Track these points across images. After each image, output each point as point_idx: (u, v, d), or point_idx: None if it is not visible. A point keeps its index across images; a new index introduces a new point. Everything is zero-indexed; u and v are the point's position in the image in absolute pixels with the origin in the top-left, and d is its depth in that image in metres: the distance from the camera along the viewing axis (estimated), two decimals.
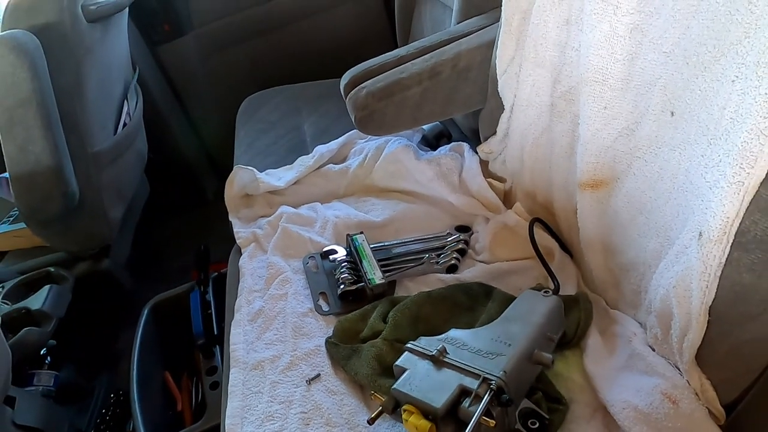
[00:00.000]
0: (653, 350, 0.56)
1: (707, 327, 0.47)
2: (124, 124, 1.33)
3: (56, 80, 1.06)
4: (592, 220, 0.65)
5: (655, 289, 0.53)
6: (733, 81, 0.44)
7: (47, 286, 1.11)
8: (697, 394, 0.50)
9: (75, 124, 1.12)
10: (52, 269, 1.17)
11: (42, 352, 1.17)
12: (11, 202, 1.18)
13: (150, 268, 1.61)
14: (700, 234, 0.45)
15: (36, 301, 1.07)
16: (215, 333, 1.04)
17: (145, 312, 1.15)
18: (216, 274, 1.21)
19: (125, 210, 1.37)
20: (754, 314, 0.43)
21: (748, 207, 0.42)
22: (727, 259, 0.43)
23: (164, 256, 1.70)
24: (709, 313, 0.46)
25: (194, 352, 1.09)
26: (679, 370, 0.52)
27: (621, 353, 0.59)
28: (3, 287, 1.15)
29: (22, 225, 1.28)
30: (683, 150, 0.51)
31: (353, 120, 0.87)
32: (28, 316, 1.05)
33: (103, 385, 1.26)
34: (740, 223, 0.42)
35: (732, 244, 0.43)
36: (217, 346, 1.02)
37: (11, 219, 1.36)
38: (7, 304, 1.09)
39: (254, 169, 0.96)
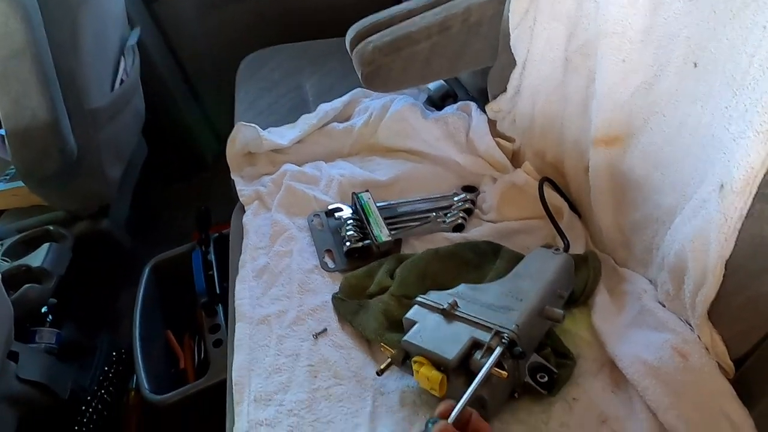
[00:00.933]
0: (664, 307, 0.56)
1: (723, 280, 0.46)
2: (122, 81, 1.30)
3: (51, 32, 1.02)
4: (604, 178, 0.64)
5: (669, 244, 0.53)
6: (764, 27, 0.42)
7: (47, 244, 1.10)
8: (707, 348, 0.50)
9: (71, 79, 1.09)
10: (51, 227, 1.16)
11: (43, 311, 1.16)
12: (8, 161, 1.16)
13: (149, 231, 1.60)
14: (722, 186, 0.44)
15: (36, 258, 1.06)
16: (218, 292, 1.04)
17: (146, 271, 1.15)
18: (217, 234, 1.20)
19: (124, 170, 1.35)
20: None
21: None
22: (748, 211, 0.43)
23: (163, 220, 1.69)
24: (725, 267, 0.46)
25: (196, 312, 1.09)
26: (689, 325, 0.52)
27: (630, 310, 0.59)
28: (2, 245, 1.14)
29: (20, 183, 1.26)
30: (706, 102, 0.50)
31: (359, 75, 0.85)
32: (28, 273, 1.04)
33: (105, 343, 1.26)
34: (765, 174, 0.41)
35: (755, 195, 0.42)
36: (220, 305, 1.02)
37: (8, 177, 1.34)
38: (7, 262, 1.08)
39: (257, 127, 0.94)
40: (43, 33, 1.00)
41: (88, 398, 1.11)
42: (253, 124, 0.95)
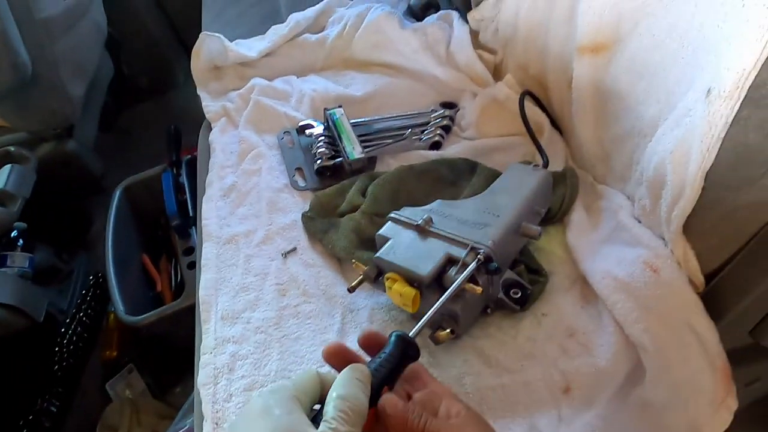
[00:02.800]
0: (639, 222, 0.55)
1: (700, 194, 0.45)
2: None
3: None
4: (587, 90, 0.61)
5: (650, 157, 0.50)
6: None
7: (8, 166, 1.05)
8: (679, 263, 0.49)
9: None
10: (12, 148, 1.10)
11: (13, 235, 1.14)
12: None
13: (119, 153, 1.54)
14: (709, 91, 0.41)
15: None
16: (191, 215, 1.02)
17: (117, 193, 1.11)
18: (189, 156, 1.16)
19: (87, 88, 1.27)
20: (754, 177, 0.41)
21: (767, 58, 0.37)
22: (734, 117, 0.40)
23: (134, 142, 1.63)
24: (704, 179, 0.44)
25: (170, 234, 1.07)
26: (664, 240, 0.51)
27: (605, 226, 0.58)
28: None
29: None
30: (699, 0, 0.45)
31: None
32: None
33: (82, 267, 1.25)
34: (756, 76, 0.38)
35: (743, 100, 0.39)
36: (194, 228, 1.00)
37: None
38: None
39: (222, 37, 0.87)
40: None
41: (67, 321, 1.11)
42: (219, 35, 0.88)
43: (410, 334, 0.41)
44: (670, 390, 0.47)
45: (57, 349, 1.07)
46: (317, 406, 0.35)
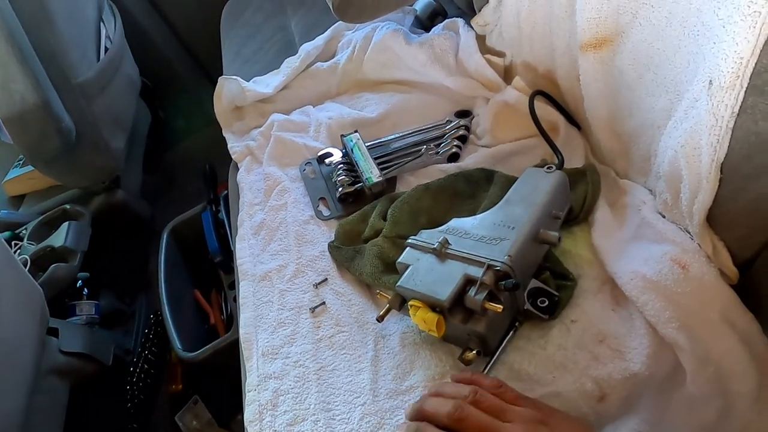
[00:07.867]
0: (663, 217, 0.53)
1: (719, 185, 0.43)
2: (106, 49, 1.27)
3: (19, 9, 1.00)
4: (596, 85, 0.59)
5: (664, 151, 0.49)
6: None
7: (66, 223, 1.13)
8: (708, 256, 0.48)
9: (52, 55, 1.07)
10: (68, 206, 1.19)
11: (78, 285, 1.22)
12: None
13: (165, 195, 1.63)
14: (710, 82, 0.39)
15: (57, 238, 1.10)
16: (233, 249, 1.06)
17: (165, 236, 1.18)
18: (226, 192, 1.20)
19: (128, 139, 1.35)
20: None
21: (765, 42, 0.36)
22: (740, 107, 0.38)
23: (177, 182, 1.71)
24: (720, 170, 0.42)
25: (217, 268, 1.12)
26: (690, 234, 0.49)
27: (630, 224, 0.56)
28: (26, 229, 1.18)
29: (32, 167, 1.29)
30: None
31: (331, 7, 0.80)
32: (53, 253, 1.09)
33: (143, 307, 1.33)
34: (756, 63, 0.36)
35: (746, 89, 0.38)
36: None
37: (21, 162, 1.37)
38: (33, 245, 1.12)
39: (239, 79, 0.91)
40: (11, 11, 0.98)
41: (134, 359, 1.18)
42: (235, 77, 0.92)
43: None
44: (713, 385, 0.46)
45: (128, 387, 1.14)
46: None
